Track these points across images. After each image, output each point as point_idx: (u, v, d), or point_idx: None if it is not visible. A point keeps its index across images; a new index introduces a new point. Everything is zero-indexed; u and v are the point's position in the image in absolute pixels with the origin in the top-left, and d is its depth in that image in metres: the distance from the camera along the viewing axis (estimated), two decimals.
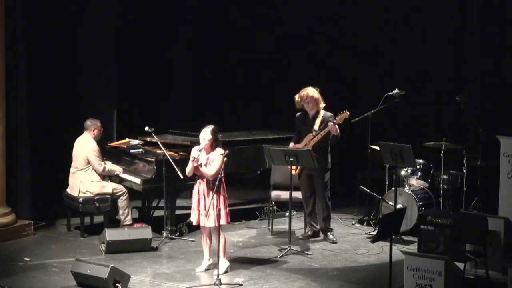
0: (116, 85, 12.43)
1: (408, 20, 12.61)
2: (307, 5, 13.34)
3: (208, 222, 8.90)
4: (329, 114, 10.16)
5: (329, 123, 9.95)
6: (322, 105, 10.19)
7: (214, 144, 8.96)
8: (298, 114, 10.34)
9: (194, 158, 8.91)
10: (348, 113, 10.04)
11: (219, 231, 8.74)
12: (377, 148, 10.47)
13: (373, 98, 11.24)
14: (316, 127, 10.13)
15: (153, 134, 10.39)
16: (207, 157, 8.95)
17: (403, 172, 10.91)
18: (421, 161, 10.99)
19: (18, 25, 10.75)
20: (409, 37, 12.61)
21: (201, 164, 8.89)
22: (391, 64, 12.72)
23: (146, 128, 10.32)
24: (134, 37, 13.15)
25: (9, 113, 10.51)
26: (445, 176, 10.97)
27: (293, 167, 10.05)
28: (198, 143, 9.08)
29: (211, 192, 8.85)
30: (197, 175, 9.03)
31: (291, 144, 10.24)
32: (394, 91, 10.93)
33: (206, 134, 8.92)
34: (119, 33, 12.54)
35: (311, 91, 10.11)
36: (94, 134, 10.62)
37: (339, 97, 11.96)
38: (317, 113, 10.19)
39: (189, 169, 9.04)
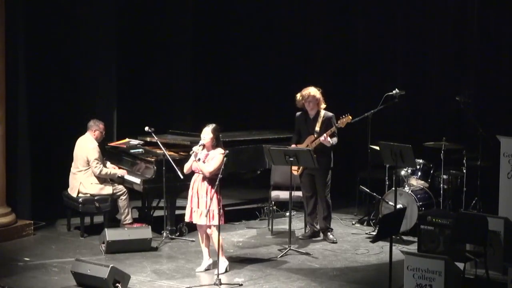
0: (116, 85, 12.43)
1: (408, 20, 12.61)
2: (307, 5, 13.35)
3: (201, 219, 8.91)
4: (330, 114, 10.16)
5: (321, 138, 9.95)
6: (323, 105, 10.20)
7: (215, 143, 8.98)
8: (298, 113, 10.34)
9: (194, 151, 8.92)
10: (351, 117, 10.05)
11: (218, 231, 8.74)
12: (377, 148, 10.47)
13: (373, 98, 11.24)
14: (317, 128, 10.14)
15: (153, 134, 10.39)
16: (207, 154, 8.96)
17: (403, 172, 10.91)
18: (421, 161, 10.99)
19: (18, 26, 10.75)
20: (409, 37, 12.61)
21: (199, 159, 8.90)
22: (391, 64, 12.72)
23: (146, 128, 10.32)
24: (134, 37, 13.14)
25: (9, 113, 10.51)
26: (445, 176, 10.97)
27: (295, 168, 10.06)
28: (198, 143, 9.09)
29: (206, 190, 8.85)
30: (194, 173, 9.04)
31: (293, 145, 10.23)
32: (394, 91, 10.93)
33: (207, 133, 8.95)
34: (119, 33, 12.54)
35: (313, 91, 10.12)
36: (95, 135, 10.60)
37: (339, 97, 11.96)
38: (317, 114, 10.19)
39: (188, 166, 9.07)
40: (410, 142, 10.16)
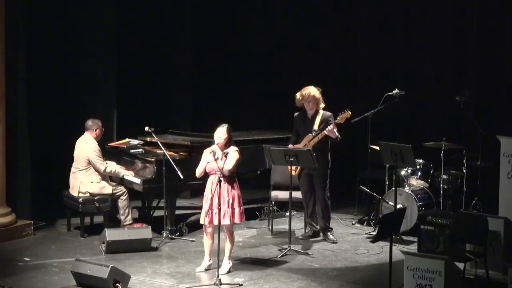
0: (116, 85, 12.43)
1: (408, 20, 12.61)
2: (307, 5, 13.35)
3: (225, 220, 8.89)
4: (329, 113, 10.16)
5: (328, 128, 9.95)
6: (322, 105, 10.20)
7: (228, 142, 8.98)
8: (296, 113, 10.34)
9: (213, 151, 8.90)
10: (350, 112, 10.05)
11: (219, 231, 8.73)
12: (377, 148, 10.47)
13: (373, 98, 11.24)
14: (315, 127, 10.14)
15: (153, 134, 10.39)
16: (222, 153, 8.94)
17: (403, 172, 10.91)
18: (421, 161, 11.00)
19: (18, 25, 10.75)
20: (409, 37, 12.61)
21: (217, 159, 8.88)
22: (391, 64, 12.72)
23: (146, 128, 10.32)
24: (134, 37, 13.14)
25: (9, 113, 10.51)
26: (445, 176, 10.97)
27: (293, 168, 10.05)
28: (198, 143, 9.11)
29: (228, 190, 8.86)
30: (208, 175, 9.03)
31: (290, 146, 10.23)
32: (394, 91, 10.93)
33: (222, 133, 8.95)
34: (119, 33, 12.54)
35: (313, 91, 10.13)
36: (95, 134, 10.59)
37: (339, 97, 11.96)
38: (316, 113, 10.19)
39: (201, 168, 9.02)
40: (410, 142, 10.16)
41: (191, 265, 9.37)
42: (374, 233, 10.49)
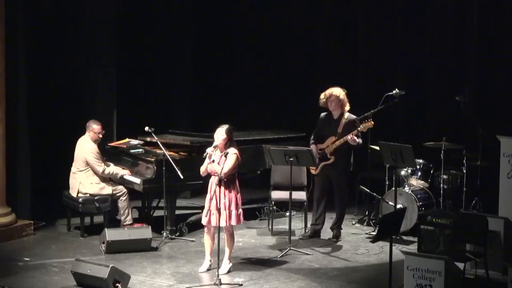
0: (116, 85, 12.41)
1: (408, 20, 12.61)
2: (307, 4, 13.34)
3: (221, 221, 8.87)
4: (354, 116, 10.19)
5: (348, 136, 9.95)
6: (347, 107, 10.21)
7: (228, 143, 8.94)
8: (323, 114, 10.35)
9: (207, 153, 8.88)
10: (372, 122, 10.08)
11: (219, 232, 8.72)
12: (377, 148, 10.47)
13: (373, 98, 11.24)
14: (339, 129, 10.14)
15: (153, 134, 10.39)
16: (221, 155, 8.92)
17: (403, 172, 10.91)
18: (421, 161, 11.00)
19: (18, 25, 10.75)
20: (409, 37, 12.61)
21: (213, 161, 8.86)
22: (391, 64, 12.72)
23: (146, 128, 10.32)
24: (134, 37, 13.14)
25: (9, 113, 10.51)
26: (445, 176, 10.97)
27: (313, 167, 10.09)
28: (198, 143, 9.10)
29: (224, 192, 8.84)
30: (211, 175, 9.01)
31: (313, 146, 10.22)
32: (394, 91, 10.93)
33: (220, 134, 8.90)
34: (119, 33, 12.53)
35: (336, 92, 10.15)
36: (90, 136, 10.57)
37: None
38: (341, 115, 10.21)
39: (203, 168, 9.01)
40: (410, 142, 10.16)
41: (191, 265, 9.37)
42: (374, 233, 10.49)
